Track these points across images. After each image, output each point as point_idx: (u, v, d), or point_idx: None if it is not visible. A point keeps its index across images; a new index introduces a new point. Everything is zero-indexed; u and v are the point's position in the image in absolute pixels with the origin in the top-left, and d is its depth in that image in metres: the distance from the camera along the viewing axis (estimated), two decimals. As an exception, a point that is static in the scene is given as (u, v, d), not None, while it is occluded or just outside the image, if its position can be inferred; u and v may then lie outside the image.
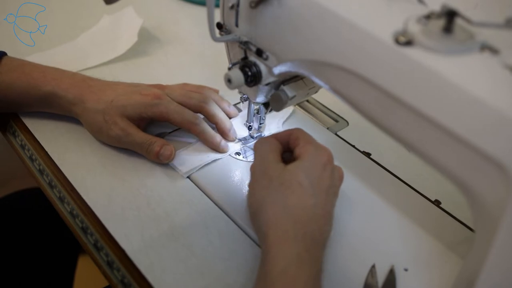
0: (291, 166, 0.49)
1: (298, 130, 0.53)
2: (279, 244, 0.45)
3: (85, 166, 0.59)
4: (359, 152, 0.64)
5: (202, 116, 0.62)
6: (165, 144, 0.59)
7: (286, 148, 0.53)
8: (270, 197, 0.48)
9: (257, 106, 0.61)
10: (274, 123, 0.68)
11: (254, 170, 0.51)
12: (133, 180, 0.58)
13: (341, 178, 0.53)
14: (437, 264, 0.52)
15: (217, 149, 0.61)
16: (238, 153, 0.62)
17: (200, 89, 0.65)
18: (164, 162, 0.59)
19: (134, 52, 0.78)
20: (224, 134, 0.62)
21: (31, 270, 0.80)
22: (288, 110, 0.69)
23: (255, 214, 0.49)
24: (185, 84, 0.66)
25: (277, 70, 0.51)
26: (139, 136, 0.59)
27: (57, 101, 0.61)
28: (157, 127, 0.64)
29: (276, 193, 0.47)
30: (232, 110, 0.66)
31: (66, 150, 0.61)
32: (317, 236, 0.47)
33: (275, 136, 0.54)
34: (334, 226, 0.54)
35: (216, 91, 0.69)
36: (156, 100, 0.59)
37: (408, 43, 0.39)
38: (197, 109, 0.62)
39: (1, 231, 0.81)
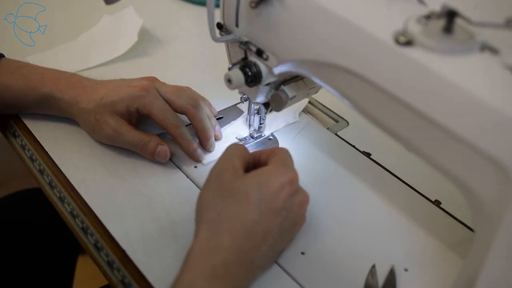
0: (247, 176, 0.47)
1: (282, 148, 0.51)
2: (199, 252, 0.43)
3: (85, 166, 0.59)
4: (359, 152, 0.64)
5: (186, 123, 0.61)
6: (160, 143, 0.58)
7: (262, 165, 0.50)
8: (213, 200, 0.46)
9: (257, 106, 0.61)
10: (291, 115, 0.68)
11: (213, 170, 0.49)
12: (133, 180, 0.58)
13: (301, 204, 0.49)
14: (437, 264, 0.52)
15: (192, 156, 0.60)
16: (238, 153, 0.62)
17: (194, 99, 0.62)
18: (160, 161, 0.59)
19: (134, 52, 0.78)
20: (202, 141, 0.61)
21: (31, 270, 0.80)
22: (304, 101, 0.69)
23: (196, 213, 0.47)
24: (179, 87, 0.63)
25: (277, 70, 0.51)
26: (131, 135, 0.58)
27: (54, 103, 0.61)
28: (157, 126, 0.64)
29: (220, 198, 0.46)
30: (218, 130, 0.63)
31: (66, 150, 0.61)
32: (247, 254, 0.44)
33: (260, 151, 0.52)
34: (335, 226, 0.55)
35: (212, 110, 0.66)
36: (143, 92, 0.58)
37: (408, 43, 0.39)
38: (183, 110, 0.60)
39: (2, 231, 0.81)
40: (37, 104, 0.62)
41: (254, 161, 0.51)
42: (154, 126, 0.61)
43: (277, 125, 0.66)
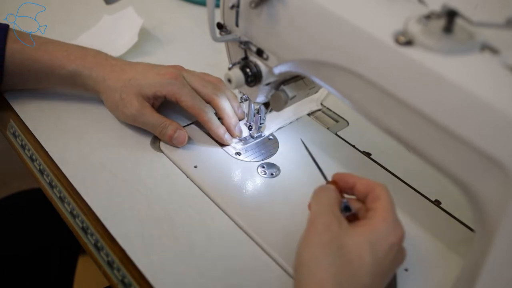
0: (358, 233, 0.43)
1: (382, 188, 0.46)
2: None
3: (85, 166, 0.59)
4: (359, 152, 0.64)
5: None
6: (179, 128, 0.60)
7: (350, 193, 0.47)
8: (325, 260, 0.41)
9: (257, 106, 0.61)
10: (313, 103, 0.70)
11: (313, 222, 0.44)
12: (133, 180, 0.58)
13: (401, 262, 0.46)
14: (437, 264, 0.52)
15: (221, 140, 0.62)
16: (238, 153, 0.62)
17: (217, 81, 0.66)
18: (177, 146, 0.61)
19: (134, 52, 0.78)
20: (229, 129, 0.63)
21: (31, 270, 0.80)
22: (324, 90, 0.70)
23: (301, 266, 0.43)
24: (205, 74, 0.67)
25: (277, 70, 0.51)
26: (153, 117, 0.61)
27: (81, 80, 0.63)
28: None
29: (333, 257, 0.41)
30: (240, 112, 0.66)
31: (66, 150, 0.61)
32: None
33: (354, 178, 0.47)
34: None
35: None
36: (172, 80, 0.61)
37: (408, 43, 0.39)
38: (208, 99, 0.62)
39: (2, 231, 0.81)
40: (64, 80, 0.64)
41: (347, 186, 0.47)
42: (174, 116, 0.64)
43: (278, 124, 0.67)
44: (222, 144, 0.63)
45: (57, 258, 0.84)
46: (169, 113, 0.65)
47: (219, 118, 0.63)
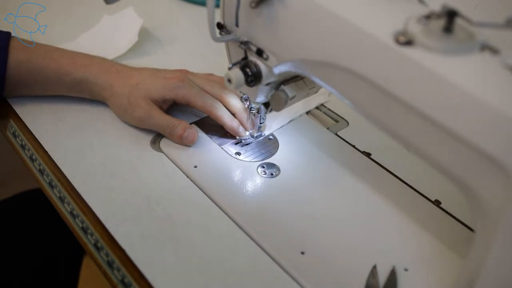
0: None
1: None
2: None
3: (85, 166, 0.59)
4: (359, 152, 0.64)
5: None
6: (188, 127, 0.61)
7: None
8: None
9: (257, 106, 0.61)
10: (321, 96, 0.71)
11: None
12: (133, 180, 0.58)
13: None
14: (437, 264, 0.52)
15: (235, 133, 0.63)
16: (238, 153, 0.62)
17: (223, 80, 0.66)
18: (188, 144, 0.61)
19: (134, 52, 0.78)
20: (242, 124, 0.64)
21: (33, 271, 0.80)
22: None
23: None
24: (210, 75, 0.68)
25: (277, 70, 0.51)
26: (162, 118, 0.61)
27: (88, 87, 0.64)
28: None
29: None
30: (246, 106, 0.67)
31: (66, 150, 0.61)
32: None
33: None
34: (335, 226, 0.55)
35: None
36: (179, 83, 0.62)
37: (408, 43, 0.39)
38: (216, 98, 0.63)
39: (4, 232, 0.81)
40: (70, 88, 0.64)
41: None
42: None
43: (278, 124, 0.67)
44: (233, 137, 0.64)
45: (61, 259, 0.84)
46: (170, 113, 0.65)
47: None
